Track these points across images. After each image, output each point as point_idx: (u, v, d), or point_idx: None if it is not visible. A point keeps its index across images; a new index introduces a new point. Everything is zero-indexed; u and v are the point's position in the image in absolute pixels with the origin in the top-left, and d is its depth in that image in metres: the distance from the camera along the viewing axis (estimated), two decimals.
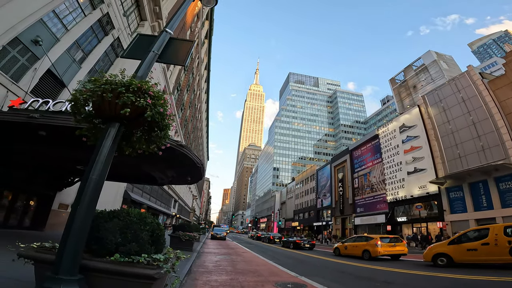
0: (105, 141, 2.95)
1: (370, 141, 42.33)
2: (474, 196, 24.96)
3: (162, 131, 3.50)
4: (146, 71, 3.62)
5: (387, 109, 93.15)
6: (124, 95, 2.91)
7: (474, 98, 25.95)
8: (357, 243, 15.78)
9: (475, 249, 9.98)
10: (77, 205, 2.64)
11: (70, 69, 12.06)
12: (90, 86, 3.03)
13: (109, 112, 3.04)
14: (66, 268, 2.43)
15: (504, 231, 9.54)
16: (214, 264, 9.67)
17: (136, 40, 4.36)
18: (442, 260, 10.81)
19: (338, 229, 46.16)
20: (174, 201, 47.76)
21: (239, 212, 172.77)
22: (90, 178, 2.76)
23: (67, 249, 2.48)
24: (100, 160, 2.86)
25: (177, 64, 4.18)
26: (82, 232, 2.62)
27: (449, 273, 8.78)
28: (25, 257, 2.86)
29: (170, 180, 11.24)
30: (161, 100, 3.19)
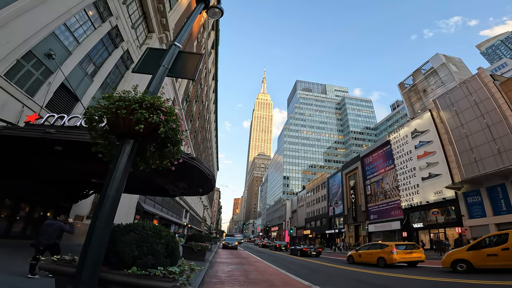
0: (121, 158, 3.05)
1: (381, 148, 41.82)
2: (493, 200, 24.24)
3: (175, 146, 3.60)
4: (158, 86, 3.70)
5: (397, 114, 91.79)
6: (137, 111, 2.99)
7: (486, 101, 25.40)
8: (372, 251, 15.68)
9: (495, 254, 9.84)
10: (95, 220, 2.75)
11: (83, 83, 12.28)
12: (104, 102, 3.12)
13: (123, 129, 3.13)
14: (85, 281, 2.51)
15: None
16: (227, 274, 9.64)
17: (146, 54, 4.40)
18: (461, 266, 10.66)
19: (351, 237, 45.40)
20: (186, 211, 47.97)
21: (250, 221, 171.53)
22: (108, 194, 2.87)
23: (87, 263, 2.57)
24: (116, 176, 2.97)
25: (187, 78, 4.24)
26: (101, 246, 2.72)
27: (472, 279, 8.62)
28: (45, 269, 2.98)
29: (182, 191, 11.39)
30: (173, 116, 3.28)
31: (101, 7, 12.56)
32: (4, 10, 8.10)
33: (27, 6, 8.69)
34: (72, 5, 10.47)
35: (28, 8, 8.73)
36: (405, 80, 67.61)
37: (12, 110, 8.73)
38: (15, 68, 8.82)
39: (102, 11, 12.69)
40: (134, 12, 16.08)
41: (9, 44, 8.34)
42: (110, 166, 3.08)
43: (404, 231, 32.91)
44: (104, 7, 12.69)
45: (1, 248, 8.62)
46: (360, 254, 16.60)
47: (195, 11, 5.29)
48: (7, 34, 8.19)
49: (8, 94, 8.48)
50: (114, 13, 13.37)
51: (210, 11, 5.77)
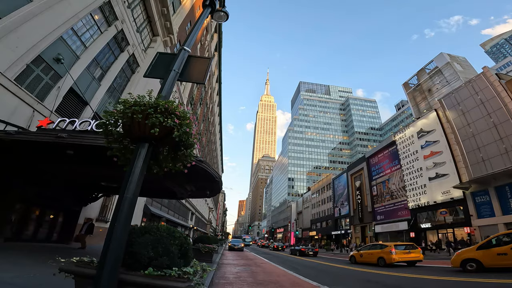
0: (137, 161, 3.14)
1: (387, 148, 41.59)
2: (502, 199, 23.89)
3: (188, 149, 3.68)
4: (169, 90, 3.78)
5: (402, 114, 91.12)
6: (152, 116, 3.07)
7: (493, 100, 25.14)
8: (372, 251, 16.36)
9: (505, 253, 9.94)
10: (114, 222, 2.83)
11: (91, 87, 12.49)
12: (120, 107, 3.20)
13: (139, 133, 3.22)
14: (106, 282, 2.59)
15: None
16: (235, 275, 9.68)
17: (155, 59, 4.51)
18: (471, 265, 10.75)
19: (358, 237, 45.16)
20: (191, 214, 48.14)
21: (255, 223, 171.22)
22: (125, 197, 2.95)
23: (107, 264, 2.65)
24: (133, 180, 3.05)
25: (197, 82, 4.32)
26: (119, 248, 2.80)
27: (484, 278, 8.69)
28: (66, 271, 3.06)
29: (189, 194, 11.47)
30: (187, 120, 3.38)
31: (107, 11, 12.79)
32: (13, 15, 8.27)
33: (35, 10, 8.87)
34: (79, 9, 10.68)
35: (37, 12, 8.91)
36: (410, 80, 67.18)
37: (23, 115, 8.90)
38: (25, 73, 9.00)
39: (108, 15, 12.91)
40: (139, 16, 16.32)
41: (19, 48, 8.51)
42: (126, 170, 3.17)
43: (411, 231, 32.64)
44: (109, 11, 12.91)
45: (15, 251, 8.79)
46: (361, 254, 17.25)
47: (202, 15, 5.39)
48: (16, 39, 8.36)
49: (19, 99, 8.66)
50: (119, 17, 13.59)
51: (215, 15, 5.84)
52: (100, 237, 14.27)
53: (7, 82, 8.03)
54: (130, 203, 2.97)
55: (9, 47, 8.07)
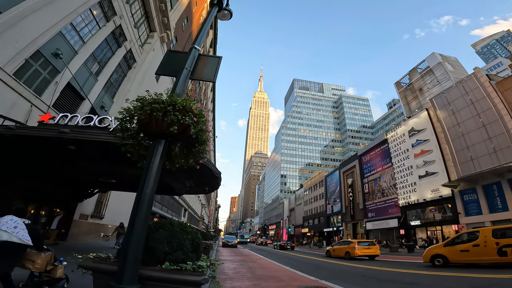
0: (154, 158, 3.21)
1: (378, 146, 42.21)
2: (489, 198, 24.62)
3: (201, 146, 3.77)
4: (182, 88, 3.86)
5: (393, 113, 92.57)
6: (171, 113, 3.15)
7: (482, 100, 25.81)
8: (342, 246, 19.17)
9: (467, 250, 10.97)
10: (134, 217, 2.90)
11: (88, 82, 12.46)
12: (138, 104, 3.27)
13: (156, 130, 3.28)
14: (128, 277, 2.66)
15: (492, 234, 10.64)
16: (233, 271, 9.81)
17: (165, 57, 4.57)
18: (438, 260, 11.74)
19: (349, 235, 45.75)
20: (184, 210, 48.05)
21: (247, 220, 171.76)
22: (144, 192, 3.02)
23: (128, 259, 2.71)
24: (151, 175, 3.12)
25: (208, 80, 4.38)
26: (140, 243, 2.87)
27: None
28: (84, 267, 3.11)
29: (188, 190, 11.52)
30: (203, 117, 3.46)
31: (106, 7, 12.65)
32: (13, 10, 8.15)
33: (35, 5, 8.74)
34: (78, 4, 10.55)
35: (36, 8, 8.79)
36: (402, 79, 68.28)
37: (21, 110, 8.78)
38: (24, 68, 8.90)
39: (107, 10, 12.77)
40: (137, 12, 16.15)
41: (18, 43, 8.40)
42: (141, 165, 3.25)
43: (401, 228, 33.33)
44: (108, 6, 12.77)
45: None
46: (334, 249, 20.12)
47: (210, 14, 5.43)
48: (16, 33, 8.23)
49: (17, 93, 8.54)
50: (118, 13, 13.45)
51: (220, 13, 5.90)
52: (93, 235, 14.17)
53: (6, 77, 7.92)
54: (149, 198, 3.04)
55: (9, 42, 7.98)
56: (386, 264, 13.81)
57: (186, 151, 3.88)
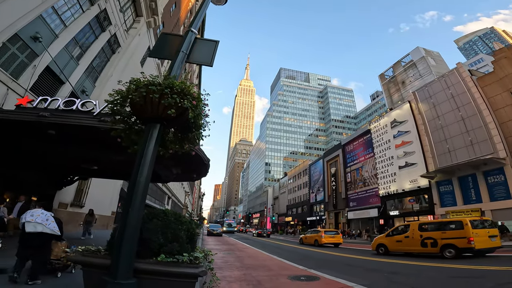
0: (149, 143, 2.97)
1: (362, 136, 42.77)
2: (464, 189, 25.60)
3: (198, 131, 3.55)
4: (178, 72, 3.65)
5: (376, 105, 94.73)
6: (168, 96, 2.94)
7: (463, 95, 26.61)
8: (312, 235, 21.37)
9: (400, 241, 12.66)
10: (128, 207, 2.67)
11: (68, 66, 12.03)
12: (132, 86, 3.03)
13: (151, 113, 3.06)
14: (123, 272, 2.46)
15: (418, 227, 12.28)
16: (222, 260, 9.77)
17: (159, 40, 4.44)
18: (381, 249, 13.49)
19: (332, 224, 46.50)
20: (168, 198, 47.44)
21: (231, 208, 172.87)
22: (138, 180, 2.79)
23: (123, 253, 2.50)
24: (146, 162, 2.88)
25: (205, 64, 4.19)
26: (135, 235, 2.66)
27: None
28: (74, 261, 2.87)
29: (175, 177, 11.19)
30: (201, 101, 3.26)
31: None
32: None
33: None
34: None
35: None
36: (386, 71, 69.48)
37: None
38: (0, 51, 8.36)
39: None
40: None
41: None
42: (133, 151, 3.04)
43: (381, 218, 33.92)
44: None
45: None
46: (306, 237, 22.10)
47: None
48: None
49: None
50: None
51: None
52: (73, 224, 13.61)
53: None
54: (144, 187, 2.82)
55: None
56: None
57: (181, 136, 3.66)
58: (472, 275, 6.82)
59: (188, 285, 3.03)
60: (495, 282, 5.73)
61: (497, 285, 5.45)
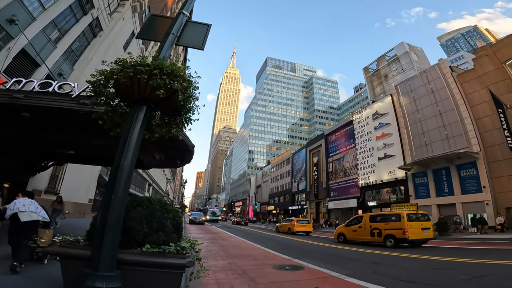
0: (134, 126, 2.75)
1: (344, 127, 43.03)
2: (437, 182, 26.51)
3: (187, 114, 3.36)
4: (167, 54, 3.50)
5: (359, 97, 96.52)
6: (157, 77, 2.76)
7: (442, 90, 27.39)
8: (286, 224, 22.89)
9: (355, 230, 13.98)
10: (110, 194, 2.45)
11: (45, 49, 11.67)
12: (118, 67, 2.82)
13: (137, 95, 2.86)
14: (106, 263, 2.28)
15: (369, 219, 13.57)
16: (206, 249, 9.65)
17: (148, 21, 4.26)
18: (341, 238, 14.87)
19: (313, 213, 47.06)
20: (148, 185, 46.55)
21: (213, 196, 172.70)
22: (122, 165, 2.56)
23: (105, 243, 2.31)
24: (130, 146, 2.66)
25: (196, 47, 4.00)
26: (118, 224, 2.46)
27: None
28: (51, 253, 2.64)
29: (157, 163, 10.80)
30: (192, 84, 3.11)
31: None
32: None
33: None
34: None
35: None
36: (370, 65, 70.49)
37: None
38: None
39: None
40: None
41: None
42: (122, 136, 2.80)
43: (360, 209, 34.50)
44: None
45: None
46: (281, 226, 23.59)
47: None
48: None
49: None
50: None
51: None
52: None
53: None
54: (128, 172, 2.60)
55: None
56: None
57: (168, 120, 3.45)
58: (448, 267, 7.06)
59: (175, 276, 2.90)
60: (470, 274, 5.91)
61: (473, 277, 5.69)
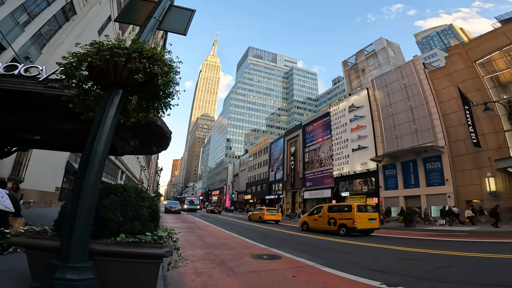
0: (108, 109, 2.58)
1: (322, 118, 43.62)
2: (405, 174, 27.75)
3: (166, 99, 3.21)
4: (148, 38, 3.36)
5: (337, 89, 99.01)
6: (136, 60, 2.64)
7: (414, 86, 28.47)
8: (257, 212, 24.48)
9: (316, 220, 15.18)
10: (82, 181, 2.27)
11: (12, 32, 10.98)
12: (92, 49, 2.68)
13: (113, 78, 2.74)
14: (77, 254, 2.13)
15: (327, 209, 14.83)
16: (183, 239, 9.49)
17: (129, 3, 4.04)
18: (304, 226, 16.05)
19: (289, 203, 47.66)
20: (121, 172, 44.84)
21: (189, 184, 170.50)
22: (95, 149, 2.39)
23: (76, 233, 2.16)
24: (104, 130, 2.49)
25: (178, 32, 3.86)
26: (90, 212, 2.30)
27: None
28: (16, 244, 2.43)
29: (132, 149, 10.32)
30: (173, 68, 3.03)
31: None
32: None
33: None
34: None
35: None
36: (349, 58, 71.97)
37: None
38: None
39: None
40: None
41: None
42: (95, 119, 2.62)
43: (333, 199, 35.26)
44: None
45: None
46: (253, 214, 25.29)
47: None
48: None
49: None
50: None
51: None
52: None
53: None
54: (101, 157, 2.43)
55: None
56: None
57: (146, 105, 3.27)
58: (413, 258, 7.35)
59: (152, 266, 2.81)
60: (433, 265, 6.13)
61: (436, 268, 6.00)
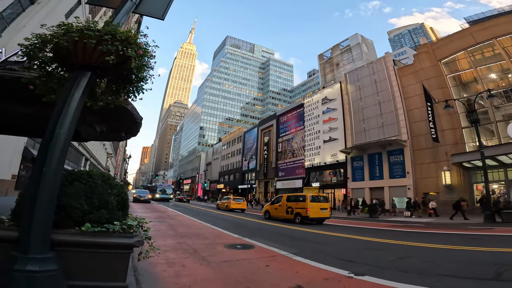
0: (74, 92, 2.42)
1: (296, 109, 44.10)
2: (371, 166, 29.02)
3: (139, 83, 3.04)
4: (123, 21, 3.18)
5: (311, 81, 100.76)
6: (108, 42, 2.51)
7: (383, 81, 29.72)
8: (224, 201, 25.60)
9: (276, 209, 16.10)
10: (42, 166, 2.10)
11: None
12: (60, 31, 2.51)
13: (81, 60, 2.59)
14: (37, 245, 1.98)
15: (286, 198, 15.71)
16: (153, 228, 9.22)
17: None
18: (267, 214, 16.86)
19: (261, 192, 48.17)
20: (85, 160, 42.11)
21: (160, 172, 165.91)
22: (57, 133, 2.21)
23: (35, 222, 2.00)
24: (68, 112, 2.31)
25: (156, 17, 3.66)
26: (51, 200, 2.14)
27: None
28: None
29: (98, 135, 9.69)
30: (148, 53, 2.90)
31: None
32: None
33: None
34: None
35: None
36: (325, 52, 73.18)
37: None
38: None
39: None
40: None
41: None
42: (58, 101, 2.46)
43: (304, 189, 36.40)
44: None
45: None
46: (221, 203, 26.42)
47: None
48: None
49: None
50: None
51: None
52: None
53: None
54: (64, 141, 2.26)
55: None
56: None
57: (116, 88, 3.09)
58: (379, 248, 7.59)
59: (121, 256, 2.70)
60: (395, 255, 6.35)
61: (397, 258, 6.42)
